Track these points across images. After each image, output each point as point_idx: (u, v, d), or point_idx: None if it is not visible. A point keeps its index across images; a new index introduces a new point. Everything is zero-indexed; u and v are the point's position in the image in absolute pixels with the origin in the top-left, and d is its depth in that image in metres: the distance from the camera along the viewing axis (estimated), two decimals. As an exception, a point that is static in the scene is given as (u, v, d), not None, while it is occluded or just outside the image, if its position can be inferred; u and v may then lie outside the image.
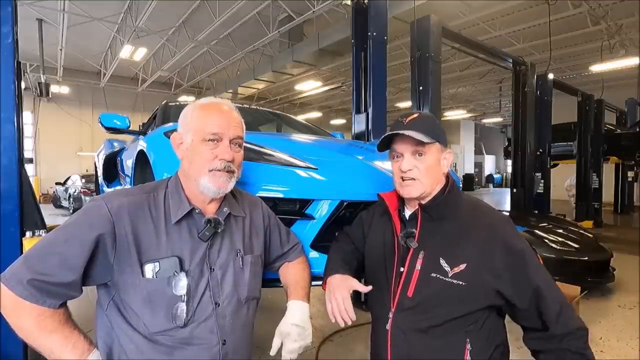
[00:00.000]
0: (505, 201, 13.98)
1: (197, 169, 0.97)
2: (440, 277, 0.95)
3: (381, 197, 1.13)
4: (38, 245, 0.87)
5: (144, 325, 0.90)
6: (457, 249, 0.96)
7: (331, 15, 8.74)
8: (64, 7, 8.72)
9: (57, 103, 15.23)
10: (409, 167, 1.02)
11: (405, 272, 1.00)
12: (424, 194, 1.03)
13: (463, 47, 5.87)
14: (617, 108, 10.51)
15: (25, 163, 1.95)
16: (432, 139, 1.00)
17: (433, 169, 1.03)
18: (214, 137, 0.98)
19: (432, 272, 0.96)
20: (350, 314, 1.02)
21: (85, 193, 10.27)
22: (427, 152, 1.02)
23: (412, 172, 1.02)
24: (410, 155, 1.03)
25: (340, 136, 3.32)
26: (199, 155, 0.97)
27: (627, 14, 8.54)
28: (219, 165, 0.98)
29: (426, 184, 1.02)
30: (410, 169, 1.02)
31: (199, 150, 0.97)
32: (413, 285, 0.98)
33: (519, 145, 6.55)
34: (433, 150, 1.03)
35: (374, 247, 1.12)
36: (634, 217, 10.38)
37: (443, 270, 0.95)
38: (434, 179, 1.03)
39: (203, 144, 0.97)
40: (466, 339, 0.95)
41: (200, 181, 0.97)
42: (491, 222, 0.98)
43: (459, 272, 0.94)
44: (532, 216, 5.68)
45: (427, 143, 1.00)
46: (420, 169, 1.01)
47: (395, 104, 16.30)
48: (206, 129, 0.97)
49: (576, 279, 3.70)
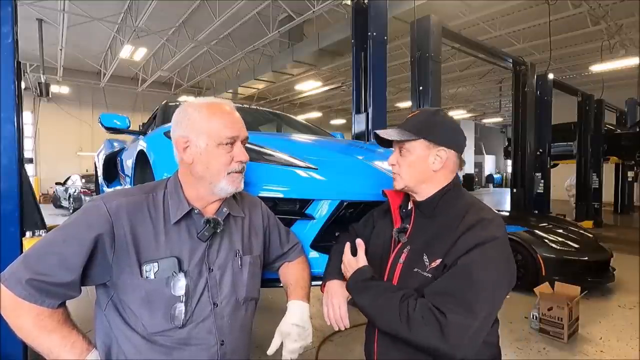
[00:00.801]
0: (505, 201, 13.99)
1: (215, 173, 0.97)
2: (420, 272, 0.96)
3: (385, 194, 1.16)
4: (37, 245, 0.87)
5: (143, 326, 0.90)
6: (437, 246, 0.96)
7: (331, 15, 8.75)
8: (64, 7, 8.72)
9: (57, 103, 15.24)
10: (392, 162, 1.09)
11: (389, 265, 1.04)
12: (407, 189, 1.07)
13: (463, 47, 5.87)
14: (617, 108, 10.51)
15: (25, 163, 1.95)
16: (413, 136, 1.02)
17: (415, 165, 1.04)
18: (231, 141, 0.98)
19: (415, 267, 0.98)
20: (344, 320, 1.07)
21: (85, 193, 10.27)
22: (409, 149, 1.05)
23: (394, 167, 1.09)
24: (397, 151, 1.09)
25: (340, 136, 3.31)
26: (216, 160, 0.97)
27: (627, 14, 8.54)
28: (237, 168, 0.99)
29: (406, 180, 1.05)
30: (393, 164, 1.09)
31: (216, 154, 0.97)
32: (396, 279, 1.01)
33: (519, 145, 6.56)
34: (416, 147, 1.03)
35: (375, 243, 1.14)
36: (634, 217, 10.39)
37: (423, 264, 0.96)
38: (418, 176, 1.04)
39: (220, 147, 0.97)
40: None
41: (218, 184, 0.97)
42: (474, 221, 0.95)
43: (435, 267, 0.94)
44: (532, 216, 5.68)
45: (406, 140, 1.04)
46: (401, 164, 1.06)
47: (395, 104, 16.31)
48: (223, 132, 0.97)
49: (576, 279, 3.70)
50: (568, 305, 3.06)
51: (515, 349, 2.91)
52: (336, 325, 1.07)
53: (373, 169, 1.60)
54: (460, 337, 0.83)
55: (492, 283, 0.88)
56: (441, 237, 0.97)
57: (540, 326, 3.19)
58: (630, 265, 5.22)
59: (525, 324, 3.31)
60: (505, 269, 0.92)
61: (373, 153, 1.89)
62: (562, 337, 3.05)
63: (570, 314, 3.10)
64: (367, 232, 1.20)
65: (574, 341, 3.09)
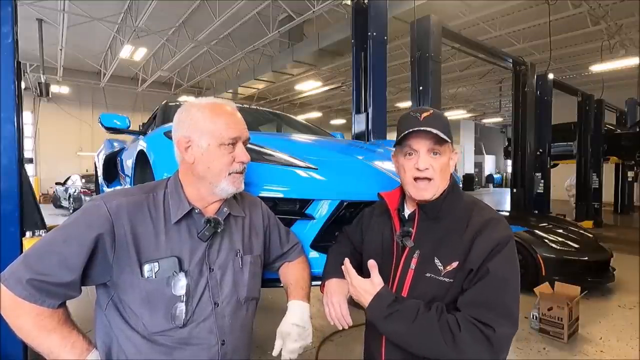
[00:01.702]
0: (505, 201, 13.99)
1: (216, 173, 0.97)
2: (434, 277, 0.94)
3: (381, 197, 1.12)
4: (37, 245, 0.87)
5: (143, 326, 0.90)
6: (450, 248, 0.95)
7: (331, 15, 8.74)
8: (64, 7, 8.72)
9: (57, 103, 15.23)
10: (426, 165, 0.97)
11: (400, 271, 1.00)
12: (435, 196, 0.99)
13: (463, 47, 5.87)
14: (617, 108, 10.51)
15: (25, 163, 1.95)
16: (449, 138, 0.99)
17: (446, 169, 1.00)
18: (233, 141, 0.98)
19: (427, 272, 0.95)
20: (346, 319, 1.05)
21: (85, 193, 10.27)
22: (442, 151, 0.99)
23: (428, 171, 0.98)
24: (425, 153, 0.98)
25: (340, 136, 3.31)
26: (218, 160, 0.97)
27: (627, 14, 8.54)
28: (238, 168, 0.99)
29: (439, 185, 0.99)
30: (427, 167, 0.98)
31: (217, 154, 0.97)
32: (407, 284, 0.98)
33: (519, 145, 6.56)
34: (447, 149, 1.01)
35: (372, 247, 1.12)
36: (634, 217, 10.39)
37: (437, 269, 0.94)
38: (444, 180, 1.01)
39: (222, 148, 0.97)
40: None
41: (219, 184, 0.98)
42: (485, 220, 0.96)
43: (451, 270, 0.93)
44: (532, 216, 5.69)
45: (445, 142, 0.98)
46: (436, 168, 0.98)
47: (395, 104, 16.30)
48: (225, 133, 0.97)
49: (576, 279, 3.70)
50: (568, 305, 3.06)
51: (515, 349, 2.90)
52: (339, 325, 1.05)
53: (373, 169, 1.60)
54: (507, 346, 0.86)
55: (518, 283, 0.91)
56: (450, 240, 0.96)
57: (540, 326, 3.19)
58: (630, 265, 5.22)
59: (525, 324, 3.30)
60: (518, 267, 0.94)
61: (373, 153, 1.89)
62: (562, 337, 3.05)
63: (570, 314, 3.10)
64: (359, 235, 1.20)
65: (574, 341, 3.09)
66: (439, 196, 1.01)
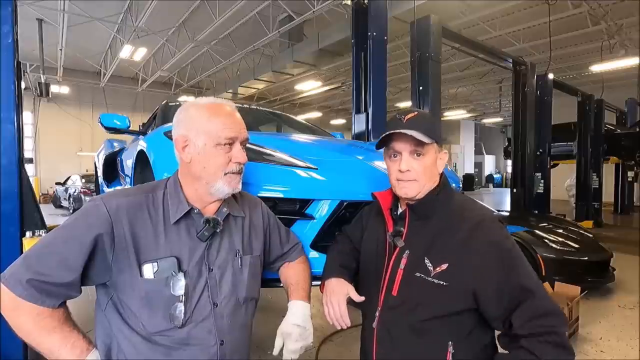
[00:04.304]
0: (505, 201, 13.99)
1: (212, 173, 0.97)
2: (423, 277, 0.95)
3: (375, 196, 1.13)
4: (37, 245, 0.87)
5: (142, 326, 0.90)
6: (440, 248, 0.95)
7: (331, 15, 8.74)
8: (64, 7, 8.72)
9: (57, 103, 15.22)
10: (407, 167, 1.00)
11: (390, 270, 1.01)
12: (420, 194, 1.02)
13: (463, 47, 5.88)
14: (617, 108, 10.50)
15: (25, 163, 1.95)
16: (431, 139, 0.99)
17: (430, 169, 1.01)
18: (229, 142, 0.98)
19: (416, 272, 0.96)
20: (345, 319, 1.04)
21: (85, 193, 10.28)
22: (425, 153, 1.00)
23: (409, 173, 1.00)
24: (408, 154, 1.01)
25: (340, 136, 3.31)
26: (214, 160, 0.97)
27: (627, 14, 8.54)
28: (234, 169, 0.99)
29: (423, 185, 1.01)
30: (409, 169, 1.00)
31: (214, 154, 0.97)
32: (397, 284, 0.99)
33: (519, 145, 6.56)
34: (431, 150, 1.01)
35: (368, 246, 1.12)
36: (634, 217, 10.38)
37: (426, 269, 0.95)
38: (431, 180, 1.02)
39: (218, 147, 0.97)
40: (449, 341, 0.94)
41: (214, 184, 0.97)
42: (477, 220, 0.96)
43: (441, 272, 0.93)
44: (532, 216, 5.68)
45: (427, 143, 0.99)
46: (418, 169, 1.00)
47: (395, 104, 16.29)
48: (221, 133, 0.96)
49: (576, 279, 3.70)
50: (568, 305, 3.06)
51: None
52: (337, 324, 1.05)
53: (373, 169, 1.60)
54: None
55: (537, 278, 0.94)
56: (441, 240, 0.96)
57: (540, 326, 3.18)
58: (630, 265, 5.21)
59: (525, 324, 3.30)
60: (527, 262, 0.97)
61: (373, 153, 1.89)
62: (562, 337, 3.05)
63: (570, 314, 3.10)
64: (358, 234, 1.20)
65: (574, 341, 3.08)
66: (427, 195, 1.02)
